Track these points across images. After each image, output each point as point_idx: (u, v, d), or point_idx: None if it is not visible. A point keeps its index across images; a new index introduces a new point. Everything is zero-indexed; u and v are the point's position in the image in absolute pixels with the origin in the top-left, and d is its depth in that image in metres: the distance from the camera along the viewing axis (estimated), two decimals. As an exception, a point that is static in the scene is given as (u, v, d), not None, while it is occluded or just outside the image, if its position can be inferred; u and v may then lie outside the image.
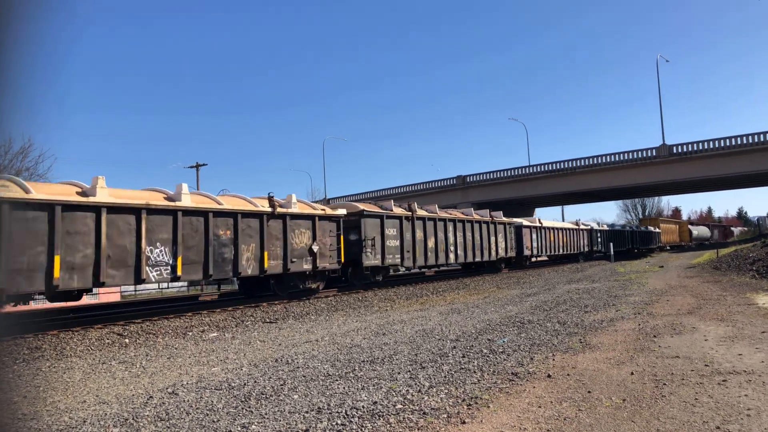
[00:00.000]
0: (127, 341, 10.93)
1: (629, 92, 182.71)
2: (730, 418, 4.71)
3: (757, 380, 5.84)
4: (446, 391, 5.85)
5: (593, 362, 7.03)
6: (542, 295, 16.88)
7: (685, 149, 54.52)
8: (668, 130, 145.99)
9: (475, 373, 6.63)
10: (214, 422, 5.10)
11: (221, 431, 4.85)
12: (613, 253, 42.80)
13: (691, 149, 54.17)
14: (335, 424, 4.88)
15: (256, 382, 6.67)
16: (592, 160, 60.05)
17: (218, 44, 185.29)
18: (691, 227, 76.63)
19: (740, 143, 51.58)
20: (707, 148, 53.26)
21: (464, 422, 4.83)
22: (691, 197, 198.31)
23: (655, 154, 56.06)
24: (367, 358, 7.85)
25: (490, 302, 15.34)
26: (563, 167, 61.60)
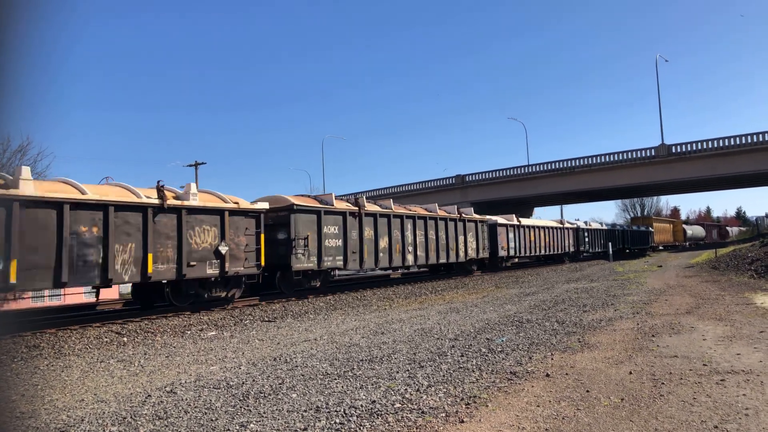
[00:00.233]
0: (125, 340, 10.92)
1: (628, 92, 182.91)
2: (728, 417, 4.71)
3: (755, 380, 5.85)
4: (445, 390, 5.85)
5: (592, 361, 7.03)
6: (541, 294, 16.89)
7: (684, 149, 54.54)
8: (667, 130, 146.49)
9: (473, 372, 6.63)
10: (212, 421, 5.10)
11: (220, 430, 4.85)
12: (611, 252, 42.83)
13: (690, 149, 54.19)
14: (334, 423, 4.87)
15: (254, 380, 6.66)
16: (591, 159, 60.06)
17: (217, 44, 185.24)
18: (685, 227, 75.89)
19: (739, 143, 51.60)
20: (706, 147, 53.29)
21: (463, 421, 4.83)
22: (690, 197, 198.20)
23: (654, 153, 56.08)
24: (365, 357, 7.84)
25: (488, 301, 15.35)
26: (562, 167, 61.62)
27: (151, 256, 12.85)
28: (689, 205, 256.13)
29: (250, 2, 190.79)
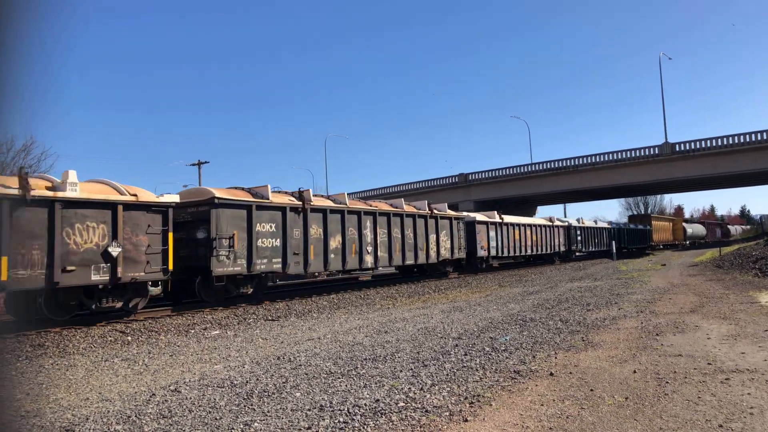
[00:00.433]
0: (129, 339, 10.94)
1: (631, 90, 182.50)
2: (733, 416, 4.70)
3: (760, 378, 5.83)
4: (448, 389, 5.85)
5: (596, 360, 7.02)
6: (544, 293, 16.87)
7: (687, 147, 54.39)
8: (670, 128, 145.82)
9: (477, 371, 6.63)
10: (216, 420, 5.11)
11: (224, 429, 4.86)
12: (614, 251, 42.62)
13: (693, 147, 54.05)
14: (338, 421, 4.88)
15: (258, 379, 6.67)
16: (594, 158, 59.94)
17: (217, 44, 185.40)
18: (685, 225, 73.26)
19: (743, 141, 51.44)
20: (710, 146, 53.14)
21: (466, 420, 4.83)
22: (694, 195, 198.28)
23: (657, 152, 55.93)
24: (369, 355, 7.85)
25: (492, 300, 15.34)
26: (565, 165, 61.53)
27: (5, 260, 10.45)
28: (693, 203, 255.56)
29: (250, 2, 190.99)
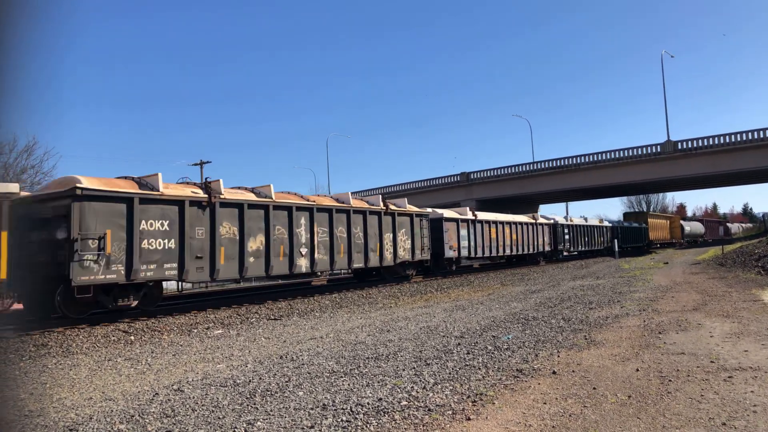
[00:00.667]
0: (132, 338, 10.96)
1: (633, 88, 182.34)
2: (736, 414, 4.69)
3: (763, 376, 5.82)
4: (451, 387, 5.85)
5: (598, 359, 7.02)
6: (547, 291, 16.86)
7: (690, 145, 54.25)
8: (673, 126, 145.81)
9: (479, 369, 6.63)
10: (219, 419, 5.12)
11: (227, 428, 4.87)
12: (617, 249, 42.49)
13: (696, 145, 53.89)
14: (340, 420, 4.89)
15: (261, 378, 6.68)
16: (596, 156, 59.80)
17: (218, 44, 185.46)
18: (683, 223, 72.21)
19: (746, 139, 51.26)
20: (712, 144, 52.96)
21: (469, 419, 4.83)
22: (696, 193, 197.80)
23: (659, 150, 55.78)
24: (371, 354, 7.85)
25: (494, 299, 15.33)
26: (567, 164, 61.40)
27: None
28: (695, 201, 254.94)
29: (250, 2, 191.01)
